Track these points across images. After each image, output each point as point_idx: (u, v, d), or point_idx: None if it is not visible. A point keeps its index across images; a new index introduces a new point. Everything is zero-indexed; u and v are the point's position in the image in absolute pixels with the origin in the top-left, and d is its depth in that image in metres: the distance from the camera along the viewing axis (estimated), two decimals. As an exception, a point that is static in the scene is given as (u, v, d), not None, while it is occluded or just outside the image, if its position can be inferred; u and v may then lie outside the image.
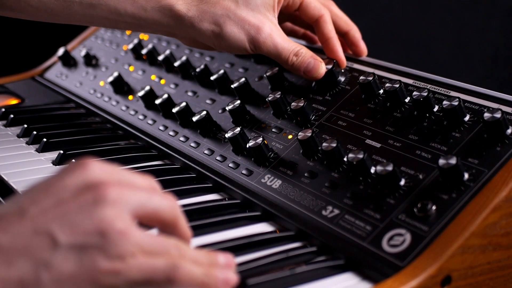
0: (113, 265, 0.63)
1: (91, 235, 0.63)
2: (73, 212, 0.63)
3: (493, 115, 0.84)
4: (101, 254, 0.63)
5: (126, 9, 1.06)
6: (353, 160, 0.88)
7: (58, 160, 1.11)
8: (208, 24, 1.04)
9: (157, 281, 0.65)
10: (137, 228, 0.65)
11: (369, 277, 0.79)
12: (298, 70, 1.06)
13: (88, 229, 0.63)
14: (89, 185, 0.65)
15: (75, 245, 0.62)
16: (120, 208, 0.65)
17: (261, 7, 1.05)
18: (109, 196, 0.65)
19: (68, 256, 0.62)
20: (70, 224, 0.63)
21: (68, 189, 0.65)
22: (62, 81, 1.53)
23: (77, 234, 0.63)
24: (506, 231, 0.80)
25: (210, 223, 0.90)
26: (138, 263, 0.64)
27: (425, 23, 1.84)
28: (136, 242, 0.64)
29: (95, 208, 0.64)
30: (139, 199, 0.67)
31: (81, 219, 0.63)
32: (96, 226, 0.63)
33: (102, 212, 0.64)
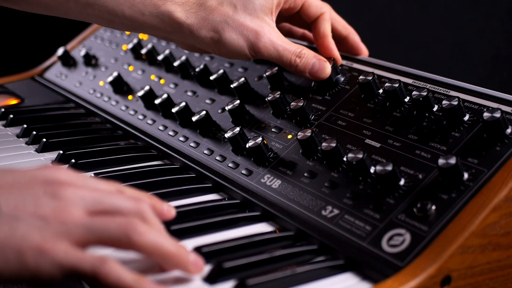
0: (42, 243, 0.66)
1: (33, 216, 0.67)
2: (25, 194, 0.68)
3: (493, 114, 0.84)
4: (34, 231, 0.66)
5: (123, 12, 1.05)
6: (353, 160, 0.88)
7: (57, 160, 1.11)
8: (206, 31, 1.04)
9: (82, 273, 0.67)
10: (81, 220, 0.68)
11: (369, 277, 0.79)
12: (303, 72, 1.05)
13: (30, 210, 0.67)
14: (50, 181, 0.70)
15: (13, 216, 0.66)
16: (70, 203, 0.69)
17: (259, 12, 1.04)
18: (63, 193, 0.69)
19: (2, 223, 0.66)
20: (16, 201, 0.67)
21: (30, 178, 0.70)
22: (61, 81, 1.53)
23: (19, 210, 0.67)
24: (506, 231, 0.80)
25: (210, 223, 0.90)
26: (67, 250, 0.67)
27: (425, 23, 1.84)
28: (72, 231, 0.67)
29: (45, 199, 0.68)
30: (94, 197, 0.71)
31: (30, 201, 0.68)
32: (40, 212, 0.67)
33: (50, 203, 0.68)
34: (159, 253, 0.71)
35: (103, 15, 1.07)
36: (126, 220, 0.70)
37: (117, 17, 1.06)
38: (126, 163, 1.12)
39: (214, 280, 0.76)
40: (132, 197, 0.74)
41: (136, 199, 0.74)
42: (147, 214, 0.73)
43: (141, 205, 0.73)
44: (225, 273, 0.77)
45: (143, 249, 0.70)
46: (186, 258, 0.73)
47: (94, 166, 1.09)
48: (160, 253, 0.71)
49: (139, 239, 0.70)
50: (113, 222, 0.69)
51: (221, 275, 0.76)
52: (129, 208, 0.72)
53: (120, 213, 0.72)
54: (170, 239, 0.73)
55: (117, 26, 1.11)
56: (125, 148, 1.19)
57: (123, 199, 0.73)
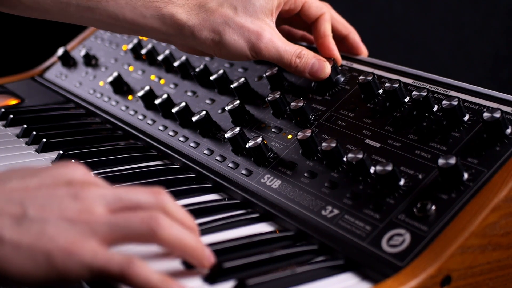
0: (70, 246, 0.66)
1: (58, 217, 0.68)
2: (50, 197, 0.69)
3: (493, 114, 0.84)
4: (62, 232, 0.67)
5: (124, 15, 1.05)
6: (353, 160, 0.88)
7: (57, 160, 1.11)
8: (207, 32, 1.04)
9: (111, 274, 0.67)
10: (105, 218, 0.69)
11: (368, 277, 0.79)
12: (303, 72, 1.06)
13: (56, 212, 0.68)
14: (72, 181, 0.71)
15: (41, 219, 0.67)
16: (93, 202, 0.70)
17: (259, 13, 1.04)
18: (86, 194, 0.70)
19: (31, 226, 0.67)
20: (42, 205, 0.68)
21: (53, 179, 0.71)
22: (61, 81, 1.53)
23: (45, 213, 0.68)
24: (506, 231, 0.80)
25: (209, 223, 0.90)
26: (95, 250, 0.67)
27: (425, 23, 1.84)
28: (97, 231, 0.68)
29: (69, 200, 0.69)
30: (114, 193, 0.72)
31: (54, 204, 0.68)
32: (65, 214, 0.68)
33: (74, 205, 0.69)
34: (180, 247, 0.72)
35: (104, 19, 1.06)
36: (149, 215, 0.70)
37: (118, 20, 1.06)
38: (126, 163, 1.12)
39: (214, 280, 0.76)
40: (151, 191, 0.74)
41: (156, 192, 0.74)
42: (168, 206, 0.74)
43: (162, 197, 0.73)
44: (225, 273, 0.77)
45: (166, 243, 0.71)
46: (203, 252, 0.74)
47: (94, 166, 1.09)
48: (182, 247, 0.72)
49: (163, 234, 0.70)
50: (136, 217, 0.70)
51: (221, 275, 0.76)
52: (150, 201, 0.73)
53: (141, 208, 0.72)
54: (190, 233, 0.73)
55: (117, 30, 1.11)
56: (125, 148, 1.19)
57: (143, 193, 0.73)
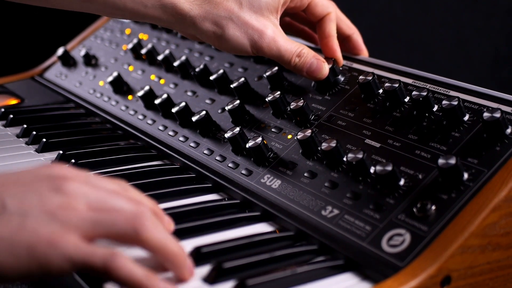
0: (52, 236, 0.66)
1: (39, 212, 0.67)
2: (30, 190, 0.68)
3: (493, 114, 0.84)
4: (43, 225, 0.66)
5: (125, 5, 1.05)
6: (353, 160, 0.88)
7: (57, 160, 1.11)
8: (209, 24, 1.04)
9: (93, 267, 0.67)
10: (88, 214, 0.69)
11: (368, 277, 0.79)
12: (301, 71, 1.06)
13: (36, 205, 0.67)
14: (53, 176, 0.71)
15: (20, 212, 0.67)
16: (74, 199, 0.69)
17: (264, 10, 1.04)
18: (67, 188, 0.70)
19: (10, 220, 0.66)
20: (21, 198, 0.68)
21: (33, 174, 0.71)
22: (61, 81, 1.53)
23: (25, 206, 0.67)
24: (506, 231, 0.80)
25: (209, 223, 0.90)
26: (77, 242, 0.67)
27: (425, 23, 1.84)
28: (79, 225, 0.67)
29: (49, 194, 0.69)
30: (97, 195, 0.71)
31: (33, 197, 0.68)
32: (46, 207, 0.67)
33: (55, 198, 0.68)
34: (163, 251, 0.71)
35: (105, 8, 1.07)
36: (135, 214, 0.70)
37: (118, 10, 1.06)
38: (126, 163, 1.12)
39: (214, 280, 0.76)
40: (134, 200, 0.74)
41: (138, 202, 0.73)
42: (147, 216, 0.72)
43: (142, 209, 0.72)
44: (225, 273, 0.77)
45: (148, 245, 0.70)
46: (185, 262, 0.74)
47: (94, 166, 1.09)
48: (164, 251, 0.71)
49: (147, 235, 0.70)
50: (121, 216, 0.70)
51: (221, 275, 0.76)
52: (129, 210, 0.72)
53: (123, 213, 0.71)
54: (174, 240, 0.73)
55: (117, 17, 1.12)
56: (125, 148, 1.19)
57: (125, 201, 0.72)
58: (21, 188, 0.69)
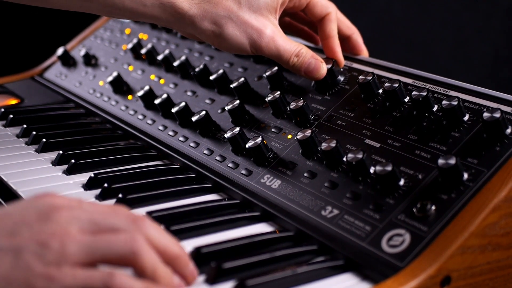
0: (48, 271, 0.64)
1: (30, 243, 0.65)
2: (19, 224, 0.67)
3: (493, 114, 0.84)
4: (37, 259, 0.65)
5: (124, 4, 1.05)
6: (353, 160, 0.88)
7: (57, 160, 1.11)
8: (208, 23, 1.04)
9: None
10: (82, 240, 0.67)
11: (368, 277, 0.79)
12: (299, 71, 1.06)
13: (27, 238, 0.66)
14: (42, 207, 0.69)
15: (12, 248, 0.65)
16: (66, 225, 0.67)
17: (263, 10, 1.04)
18: (58, 216, 0.68)
19: (3, 257, 0.64)
20: (10, 232, 0.66)
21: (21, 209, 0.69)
22: (61, 81, 1.53)
23: (15, 240, 0.65)
24: (506, 231, 0.80)
25: (209, 223, 0.90)
26: (73, 272, 0.65)
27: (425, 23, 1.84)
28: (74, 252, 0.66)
29: (40, 224, 0.67)
30: (90, 217, 0.69)
31: (23, 229, 0.66)
32: (37, 237, 0.66)
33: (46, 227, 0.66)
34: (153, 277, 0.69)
35: (104, 8, 1.07)
36: (132, 237, 0.68)
37: (117, 9, 1.06)
38: (126, 163, 1.12)
39: (214, 281, 0.76)
40: (129, 217, 0.71)
41: (133, 219, 0.71)
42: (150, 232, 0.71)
43: (142, 223, 0.71)
44: (225, 273, 0.77)
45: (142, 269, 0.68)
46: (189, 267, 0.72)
47: (94, 166, 1.09)
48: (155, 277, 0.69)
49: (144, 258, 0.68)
50: (117, 238, 0.68)
51: (221, 275, 0.76)
52: (126, 227, 0.70)
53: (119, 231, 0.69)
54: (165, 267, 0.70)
55: (116, 16, 1.12)
56: (125, 148, 1.19)
57: (120, 219, 0.70)
58: (10, 223, 0.67)
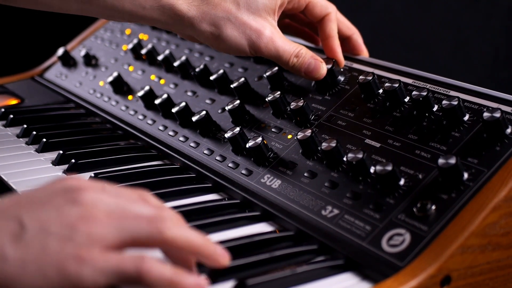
0: (79, 252, 0.64)
1: (59, 225, 0.65)
2: (47, 207, 0.66)
3: (493, 114, 0.84)
4: (67, 241, 0.65)
5: (124, 7, 1.05)
6: (353, 159, 0.88)
7: (57, 160, 1.11)
8: (207, 25, 1.04)
9: (126, 274, 0.65)
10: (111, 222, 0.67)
11: (368, 277, 0.79)
12: (299, 71, 1.06)
13: (55, 220, 0.65)
14: (68, 189, 0.68)
15: (42, 231, 0.65)
16: (94, 207, 0.67)
17: (262, 11, 1.05)
18: (84, 198, 0.67)
19: (32, 241, 0.64)
20: (39, 215, 0.66)
21: (47, 191, 0.68)
22: (61, 81, 1.53)
23: (44, 223, 0.65)
24: (506, 231, 0.80)
25: (209, 223, 0.90)
26: (104, 255, 0.65)
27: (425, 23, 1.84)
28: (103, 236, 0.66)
29: (67, 206, 0.66)
30: (117, 202, 0.69)
31: (51, 212, 0.66)
32: (65, 220, 0.66)
33: (73, 210, 0.66)
34: (189, 246, 0.70)
35: (103, 10, 1.07)
36: (155, 217, 0.68)
37: (117, 12, 1.06)
38: (126, 163, 1.12)
39: (214, 280, 0.76)
40: (153, 205, 0.72)
41: (158, 207, 0.71)
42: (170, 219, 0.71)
43: (164, 213, 0.71)
44: (224, 273, 0.77)
45: (175, 243, 0.69)
46: (215, 250, 0.72)
47: (94, 166, 1.09)
48: (191, 246, 0.70)
49: (171, 234, 0.68)
50: (142, 219, 0.68)
51: (220, 275, 0.76)
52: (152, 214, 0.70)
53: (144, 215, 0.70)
54: (197, 233, 0.71)
55: (116, 19, 1.12)
56: (125, 148, 1.19)
57: (144, 207, 0.70)
58: (37, 206, 0.67)
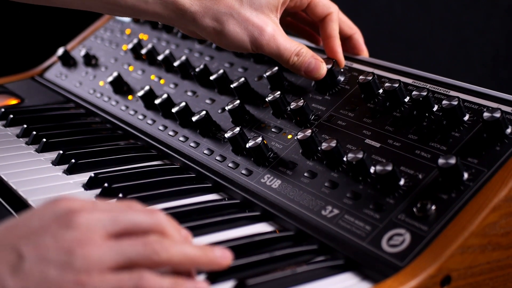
0: (78, 278, 0.64)
1: (57, 252, 0.65)
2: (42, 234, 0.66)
3: (493, 114, 0.84)
4: (66, 267, 0.65)
5: (126, 1, 1.05)
6: (353, 159, 0.88)
7: (57, 160, 1.11)
8: (210, 20, 1.04)
9: None
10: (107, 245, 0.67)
11: (368, 277, 0.79)
12: (299, 70, 1.06)
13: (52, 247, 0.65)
14: (60, 213, 0.68)
15: (40, 259, 0.65)
16: (89, 230, 0.67)
17: (265, 8, 1.05)
18: (77, 221, 0.67)
19: (31, 271, 0.64)
20: (36, 243, 0.65)
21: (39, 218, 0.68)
22: (61, 81, 1.53)
23: (41, 251, 0.65)
24: (506, 231, 0.80)
25: (209, 223, 0.90)
26: (103, 277, 0.65)
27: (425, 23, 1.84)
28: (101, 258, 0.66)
29: (62, 231, 0.66)
30: (111, 217, 0.69)
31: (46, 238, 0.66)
32: (62, 245, 0.65)
33: (69, 234, 0.66)
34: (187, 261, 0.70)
35: (106, 5, 1.07)
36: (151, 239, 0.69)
37: (119, 6, 1.06)
38: (126, 163, 1.12)
39: (214, 280, 0.76)
40: (146, 211, 0.72)
41: (151, 212, 0.72)
42: (165, 225, 0.71)
43: (158, 217, 0.71)
44: (224, 273, 0.77)
45: (172, 262, 0.69)
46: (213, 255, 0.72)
47: (94, 166, 1.09)
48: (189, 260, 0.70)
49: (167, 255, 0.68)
50: (139, 241, 0.68)
51: (220, 275, 0.76)
52: (147, 222, 0.70)
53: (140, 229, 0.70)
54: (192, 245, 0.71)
55: (118, 14, 1.12)
56: (125, 148, 1.19)
57: (139, 214, 0.71)
58: (33, 234, 0.66)
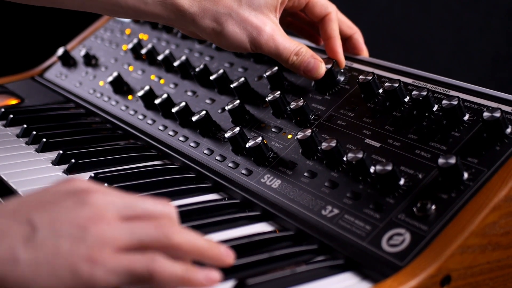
0: (91, 254, 0.65)
1: (70, 227, 0.66)
2: (57, 208, 0.67)
3: (493, 114, 0.84)
4: (79, 242, 0.65)
5: (126, 2, 1.06)
6: (353, 159, 0.88)
7: (57, 160, 1.11)
8: (209, 21, 1.04)
9: (138, 274, 0.66)
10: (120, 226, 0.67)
11: (368, 276, 0.79)
12: (298, 70, 1.06)
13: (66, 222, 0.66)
14: (75, 191, 0.69)
15: (53, 232, 0.65)
16: (103, 209, 0.68)
17: (263, 8, 1.05)
18: (92, 200, 0.68)
19: (44, 242, 0.64)
20: (50, 216, 0.66)
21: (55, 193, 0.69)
22: (61, 81, 1.53)
23: (55, 224, 0.65)
24: (506, 231, 0.80)
25: (209, 223, 0.90)
26: (116, 256, 0.66)
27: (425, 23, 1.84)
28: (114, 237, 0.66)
29: (76, 208, 0.67)
30: (125, 201, 0.70)
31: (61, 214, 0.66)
32: (76, 221, 0.66)
33: (83, 211, 0.67)
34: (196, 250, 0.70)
35: (106, 6, 1.08)
36: (163, 222, 0.69)
37: (120, 7, 1.07)
38: (126, 163, 1.12)
39: (214, 280, 0.76)
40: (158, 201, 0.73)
41: (162, 203, 0.73)
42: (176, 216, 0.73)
43: (169, 208, 0.72)
44: (225, 273, 0.76)
45: (181, 248, 0.69)
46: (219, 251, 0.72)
47: (94, 166, 1.09)
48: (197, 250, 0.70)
49: (178, 239, 0.69)
50: (151, 224, 0.69)
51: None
52: (159, 210, 0.71)
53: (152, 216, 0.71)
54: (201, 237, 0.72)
55: (119, 15, 1.12)
56: (125, 148, 1.19)
57: (153, 203, 0.72)
58: (47, 207, 0.67)
